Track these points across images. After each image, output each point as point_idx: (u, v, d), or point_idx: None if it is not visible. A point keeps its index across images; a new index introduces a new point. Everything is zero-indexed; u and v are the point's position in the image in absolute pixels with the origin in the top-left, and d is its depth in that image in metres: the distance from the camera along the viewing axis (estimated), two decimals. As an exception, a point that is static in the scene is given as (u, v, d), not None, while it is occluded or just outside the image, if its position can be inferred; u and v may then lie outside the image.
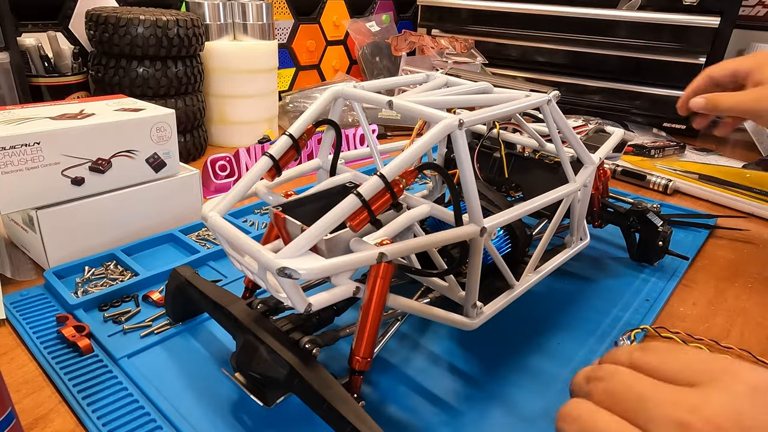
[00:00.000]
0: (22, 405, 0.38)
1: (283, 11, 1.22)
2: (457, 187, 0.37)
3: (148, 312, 0.48)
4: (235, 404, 0.38)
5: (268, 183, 0.42)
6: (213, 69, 0.92)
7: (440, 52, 1.25)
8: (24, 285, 0.52)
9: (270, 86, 0.99)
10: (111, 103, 0.62)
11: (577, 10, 1.16)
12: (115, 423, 0.36)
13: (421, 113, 0.37)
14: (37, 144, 0.50)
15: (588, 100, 1.22)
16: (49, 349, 0.43)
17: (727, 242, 0.69)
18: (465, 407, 0.39)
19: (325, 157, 0.47)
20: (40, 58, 0.79)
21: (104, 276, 0.53)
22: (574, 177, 0.49)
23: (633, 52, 1.15)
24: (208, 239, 0.62)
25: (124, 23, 0.75)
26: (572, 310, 0.52)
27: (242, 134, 0.97)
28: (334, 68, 1.39)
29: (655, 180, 0.86)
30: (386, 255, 0.32)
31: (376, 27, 1.42)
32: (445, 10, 1.37)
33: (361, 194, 0.32)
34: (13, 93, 0.74)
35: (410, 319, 0.47)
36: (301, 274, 0.29)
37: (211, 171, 0.75)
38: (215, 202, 0.38)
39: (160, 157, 0.60)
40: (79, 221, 0.55)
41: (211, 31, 0.92)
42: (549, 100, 0.45)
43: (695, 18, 1.05)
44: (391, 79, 0.49)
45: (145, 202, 0.60)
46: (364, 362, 0.33)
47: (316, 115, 0.43)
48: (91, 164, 0.54)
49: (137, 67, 0.79)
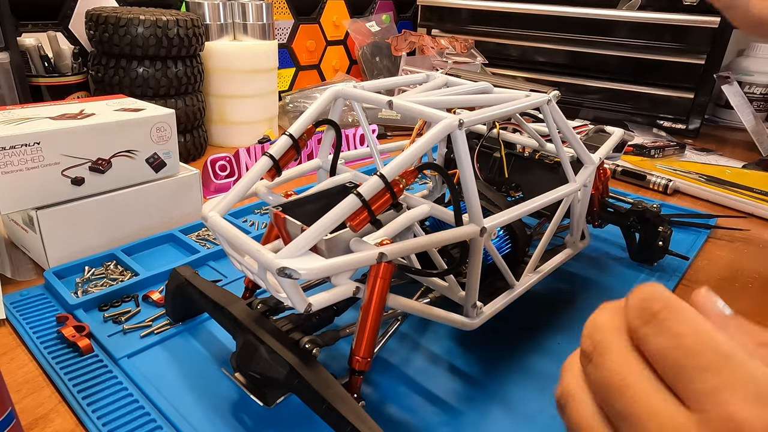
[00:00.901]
0: (22, 405, 0.38)
1: (283, 11, 1.22)
2: (457, 187, 0.37)
3: (148, 312, 0.48)
4: (235, 404, 0.38)
5: (268, 183, 0.42)
6: (213, 69, 0.92)
7: (440, 52, 1.25)
8: (24, 285, 0.52)
9: (270, 86, 0.99)
10: (111, 103, 0.62)
11: (577, 10, 1.16)
12: (115, 423, 0.36)
13: (421, 113, 0.37)
14: (37, 144, 0.50)
15: (588, 100, 1.22)
16: (49, 349, 0.43)
17: (727, 242, 0.69)
18: (465, 407, 0.39)
19: (325, 157, 0.47)
20: (40, 58, 0.79)
21: (104, 276, 0.53)
22: (574, 177, 0.49)
23: (633, 52, 1.15)
24: (208, 239, 0.62)
25: (124, 23, 0.75)
26: (572, 310, 0.52)
27: (242, 134, 0.97)
28: (334, 68, 1.39)
29: (655, 180, 0.86)
30: (386, 255, 0.32)
31: (376, 27, 1.42)
32: (445, 10, 1.37)
33: (361, 194, 0.32)
34: (13, 93, 0.74)
35: (410, 319, 0.47)
36: (301, 274, 0.29)
37: (211, 171, 0.75)
38: (215, 202, 0.38)
39: (160, 157, 0.60)
40: (79, 221, 0.55)
41: (211, 31, 0.92)
42: (549, 100, 0.45)
43: (695, 18, 1.05)
44: (391, 79, 0.49)
45: (145, 202, 0.60)
46: (364, 362, 0.33)
47: (316, 115, 0.43)
48: (91, 164, 0.54)
49: (137, 67, 0.79)
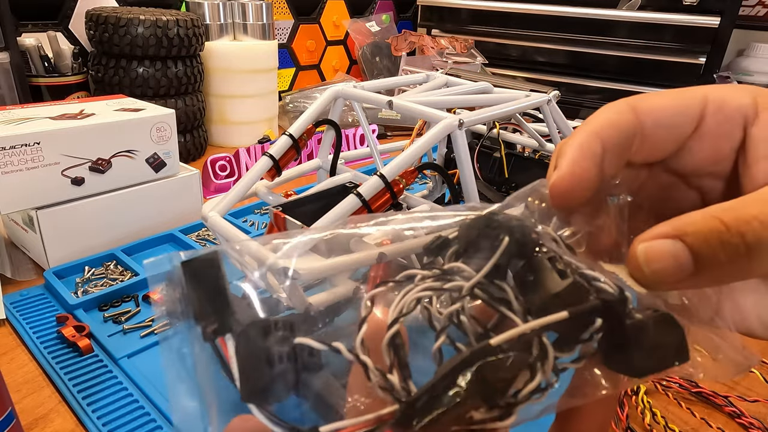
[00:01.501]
0: (22, 405, 0.38)
1: (283, 11, 1.22)
2: (457, 187, 0.37)
3: (148, 312, 0.48)
4: (235, 404, 0.38)
5: (268, 183, 0.42)
6: (213, 69, 0.92)
7: (440, 52, 1.25)
8: (24, 285, 0.52)
9: (270, 86, 0.99)
10: (111, 103, 0.62)
11: (577, 10, 1.16)
12: (115, 423, 0.36)
13: (421, 113, 0.37)
14: (37, 144, 0.50)
15: (588, 100, 1.22)
16: (49, 349, 0.43)
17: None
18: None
19: (325, 157, 0.47)
20: (40, 58, 0.79)
21: (104, 276, 0.53)
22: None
23: (633, 52, 1.15)
24: (208, 239, 0.62)
25: (124, 23, 0.75)
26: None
27: (242, 134, 0.97)
28: (334, 68, 1.39)
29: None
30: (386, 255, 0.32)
31: (376, 27, 1.42)
32: (445, 10, 1.37)
33: (361, 194, 0.32)
34: (13, 93, 0.74)
35: (410, 319, 0.47)
36: (301, 274, 0.29)
37: (211, 171, 0.75)
38: (215, 202, 0.38)
39: (160, 157, 0.60)
40: (79, 221, 0.55)
41: (211, 31, 0.92)
42: (549, 100, 0.45)
43: (695, 18, 1.05)
44: (391, 79, 0.49)
45: (145, 202, 0.60)
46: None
47: (316, 115, 0.43)
48: (91, 164, 0.54)
49: (137, 67, 0.79)
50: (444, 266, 0.17)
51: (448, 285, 0.16)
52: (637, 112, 0.19)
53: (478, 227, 0.17)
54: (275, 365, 0.15)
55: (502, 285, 0.16)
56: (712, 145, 0.19)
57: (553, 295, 0.15)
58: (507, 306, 0.16)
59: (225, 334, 0.15)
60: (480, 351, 0.14)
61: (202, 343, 0.15)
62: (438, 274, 0.17)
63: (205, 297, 0.16)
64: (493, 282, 0.16)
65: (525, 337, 0.14)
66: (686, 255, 0.15)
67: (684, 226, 0.15)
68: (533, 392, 0.14)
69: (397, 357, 0.15)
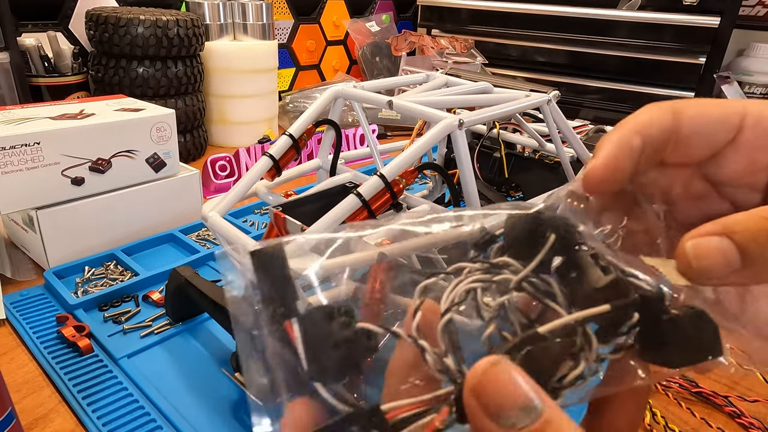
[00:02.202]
0: (22, 405, 0.38)
1: (283, 11, 1.22)
2: (457, 187, 0.37)
3: (148, 312, 0.48)
4: (235, 404, 0.38)
5: (268, 183, 0.42)
6: (213, 69, 0.92)
7: (440, 52, 1.25)
8: (24, 285, 0.52)
9: (270, 86, 0.99)
10: (111, 103, 0.62)
11: (577, 10, 1.16)
12: (115, 423, 0.36)
13: (421, 113, 0.37)
14: (37, 144, 0.50)
15: (588, 100, 1.22)
16: (49, 349, 0.43)
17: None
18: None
19: (325, 157, 0.47)
20: (40, 58, 0.79)
21: (104, 276, 0.53)
22: (574, 177, 0.49)
23: (633, 52, 1.15)
24: (208, 239, 0.62)
25: (124, 23, 0.75)
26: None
27: (242, 134, 0.97)
28: (334, 68, 1.39)
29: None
30: (386, 255, 0.32)
31: (376, 27, 1.42)
32: (445, 10, 1.37)
33: (361, 194, 0.32)
34: (13, 93, 0.74)
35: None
36: (302, 274, 0.29)
37: (211, 171, 0.75)
38: (215, 202, 0.38)
39: (160, 157, 0.60)
40: (79, 221, 0.55)
41: (211, 31, 0.92)
42: (549, 100, 0.45)
43: (695, 18, 1.05)
44: (391, 79, 0.49)
45: (145, 202, 0.60)
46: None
47: (316, 115, 0.43)
48: (91, 164, 0.54)
49: (137, 67, 0.79)
50: (492, 260, 0.18)
51: (497, 278, 0.18)
52: (677, 115, 0.20)
53: (525, 225, 0.18)
54: (338, 347, 0.16)
55: (548, 279, 0.17)
56: (749, 156, 0.20)
57: (596, 289, 0.17)
58: (552, 299, 0.17)
59: (291, 318, 0.17)
60: (529, 338, 0.16)
61: (270, 326, 0.17)
62: (487, 267, 0.18)
63: (272, 284, 0.17)
64: (538, 276, 0.17)
65: (569, 327, 0.16)
66: (734, 251, 0.16)
67: (732, 224, 0.16)
68: (577, 378, 0.16)
69: (451, 342, 0.16)
